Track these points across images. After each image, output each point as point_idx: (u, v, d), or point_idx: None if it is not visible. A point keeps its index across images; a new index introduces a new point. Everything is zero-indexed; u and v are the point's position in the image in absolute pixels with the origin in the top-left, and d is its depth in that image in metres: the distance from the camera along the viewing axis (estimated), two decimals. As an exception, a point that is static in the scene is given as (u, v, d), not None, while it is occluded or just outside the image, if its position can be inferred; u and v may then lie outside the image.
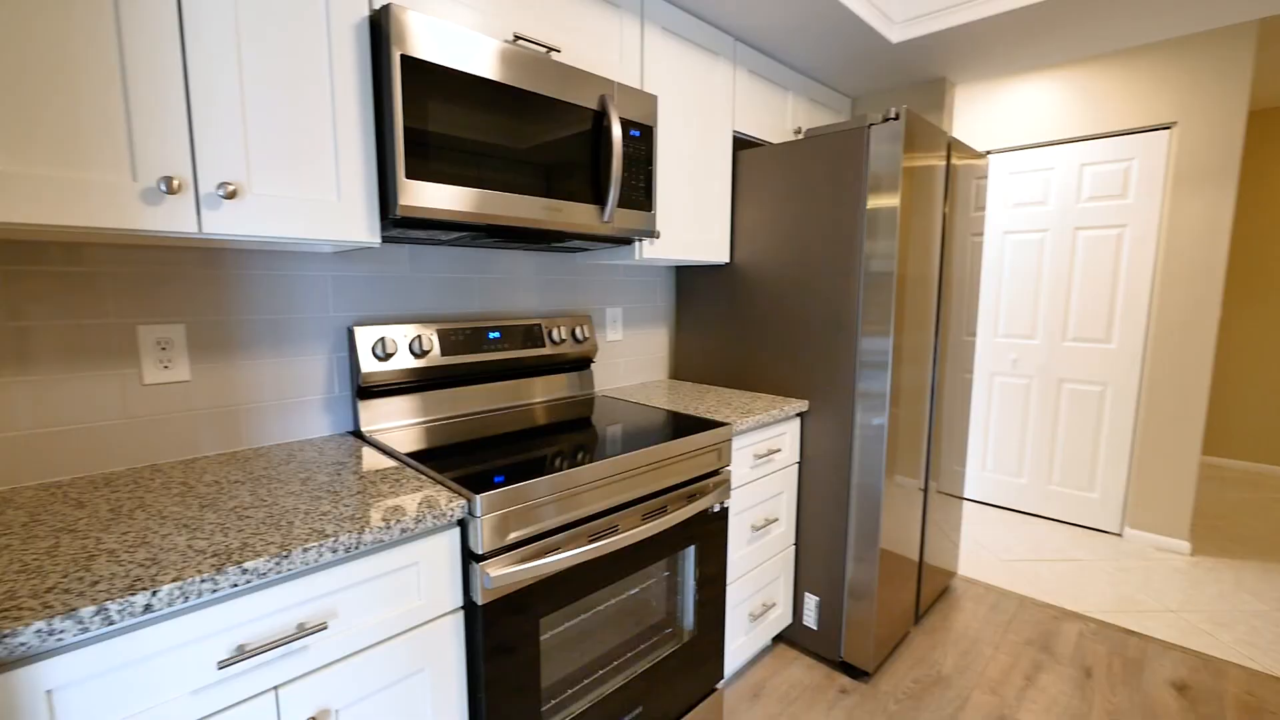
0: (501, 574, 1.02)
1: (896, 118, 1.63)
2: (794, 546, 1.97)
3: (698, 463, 1.44)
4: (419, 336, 1.46)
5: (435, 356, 1.50)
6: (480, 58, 1.19)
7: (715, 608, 1.58)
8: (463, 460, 1.19)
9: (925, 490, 2.07)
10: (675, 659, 1.48)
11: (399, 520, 0.91)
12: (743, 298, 2.05)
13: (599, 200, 1.46)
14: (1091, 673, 1.93)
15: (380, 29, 1.10)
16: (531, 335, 1.72)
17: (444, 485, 1.06)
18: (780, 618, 1.94)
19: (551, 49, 1.43)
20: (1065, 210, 2.99)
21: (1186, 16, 1.88)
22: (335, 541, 0.85)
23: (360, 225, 1.11)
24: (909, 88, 2.47)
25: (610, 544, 1.18)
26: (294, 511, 0.93)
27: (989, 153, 3.21)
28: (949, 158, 1.92)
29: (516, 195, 1.28)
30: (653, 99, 1.57)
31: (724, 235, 2.01)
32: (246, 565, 0.77)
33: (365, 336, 1.39)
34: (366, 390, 1.40)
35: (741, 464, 1.68)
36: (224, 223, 0.95)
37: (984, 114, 3.19)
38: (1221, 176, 2.56)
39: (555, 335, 1.77)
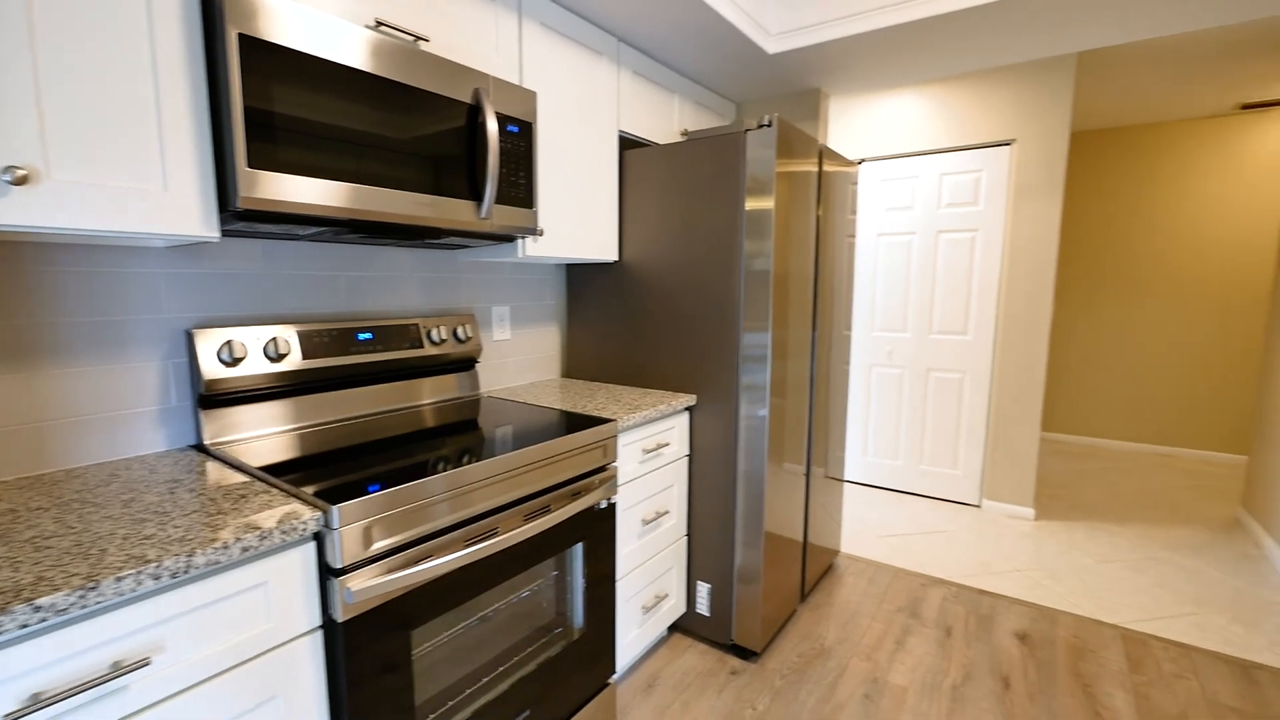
0: (365, 587, 0.96)
1: (770, 125, 1.72)
2: (686, 537, 2.02)
3: (582, 460, 1.44)
4: (275, 339, 1.35)
5: (295, 360, 1.39)
6: (335, 42, 1.12)
7: (605, 604, 1.59)
8: (323, 470, 1.12)
9: (808, 475, 2.20)
10: (565, 658, 1.47)
11: (239, 539, 0.84)
12: (633, 295, 2.08)
13: (476, 196, 1.43)
14: (951, 631, 2.14)
15: (213, 5, 1.00)
16: (408, 336, 1.65)
17: (297, 498, 0.99)
18: (674, 608, 1.99)
19: (419, 38, 1.37)
20: (929, 215, 3.28)
21: (1015, 48, 2.11)
22: (158, 567, 0.76)
23: (193, 218, 1.01)
24: (788, 96, 2.61)
25: (489, 547, 1.16)
26: (109, 538, 0.83)
27: (863, 160, 3.46)
28: (821, 164, 2.05)
29: (382, 189, 1.22)
30: (532, 95, 1.55)
31: (612, 234, 2.03)
32: (40, 602, 0.68)
33: (208, 340, 1.27)
34: (210, 399, 1.27)
35: (629, 459, 1.70)
36: (13, 213, 0.83)
37: (859, 124, 3.43)
38: (1050, 189, 2.91)
39: (435, 335, 1.70)
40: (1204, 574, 2.54)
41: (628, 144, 2.20)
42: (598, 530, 1.53)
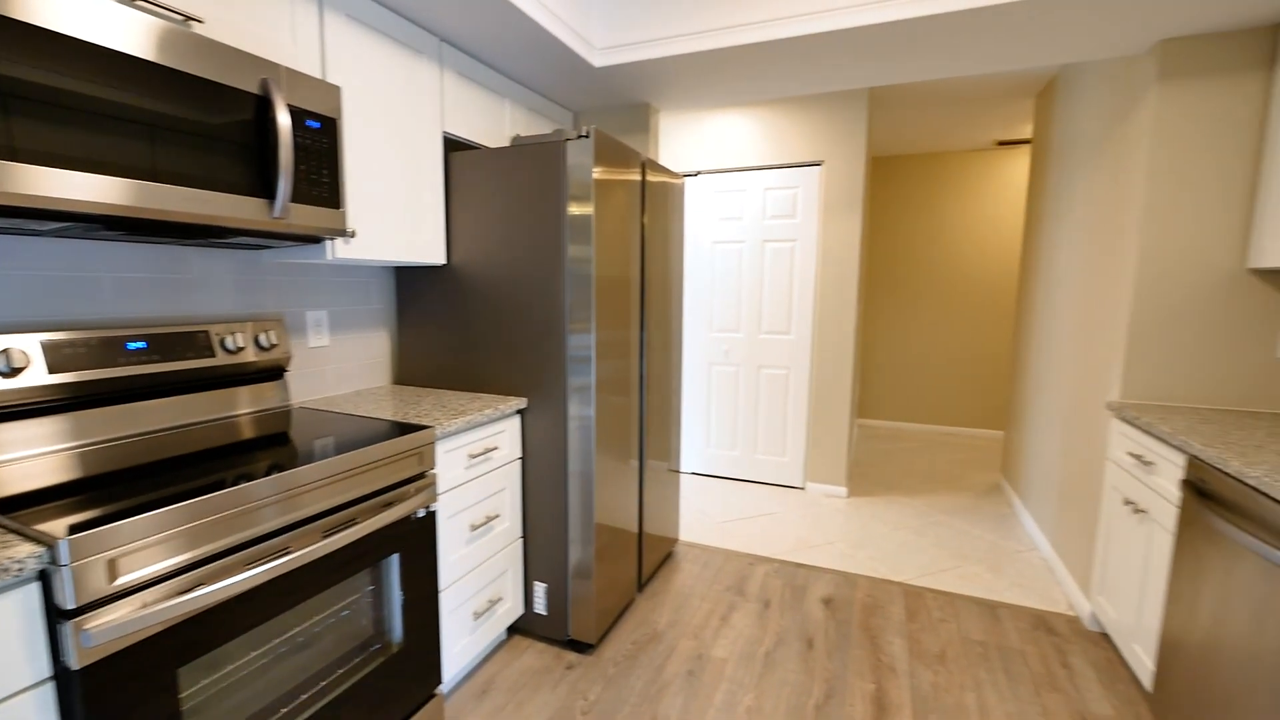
0: (111, 627, 0.87)
1: (587, 136, 1.79)
2: (522, 539, 2.04)
3: (393, 469, 1.40)
4: (6, 351, 1.16)
5: (38, 374, 1.21)
6: (79, 16, 0.99)
7: (428, 614, 1.56)
8: (67, 499, 0.98)
9: (641, 470, 2.32)
10: (384, 674, 1.43)
11: (-76, 587, 0.72)
12: (464, 299, 2.05)
13: (269, 194, 1.33)
14: (770, 604, 2.37)
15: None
16: (194, 344, 1.49)
17: (17, 533, 0.87)
18: (510, 610, 2.00)
19: (190, 18, 1.25)
20: (755, 225, 3.59)
21: (815, 79, 2.39)
22: None
23: None
24: (620, 108, 2.72)
25: (278, 568, 1.09)
26: None
27: (699, 173, 3.70)
28: (645, 174, 2.17)
29: (145, 183, 1.10)
30: (336, 90, 1.48)
31: (438, 236, 1.99)
32: None
33: (-94, 354, 1.06)
34: (-90, 424, 1.07)
35: (454, 465, 1.68)
36: None
37: (695, 139, 3.67)
38: (851, 205, 3.33)
39: (230, 343, 1.56)
40: (969, 533, 3.06)
41: (456, 146, 2.17)
42: (416, 540, 1.50)
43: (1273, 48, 1.80)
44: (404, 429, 1.50)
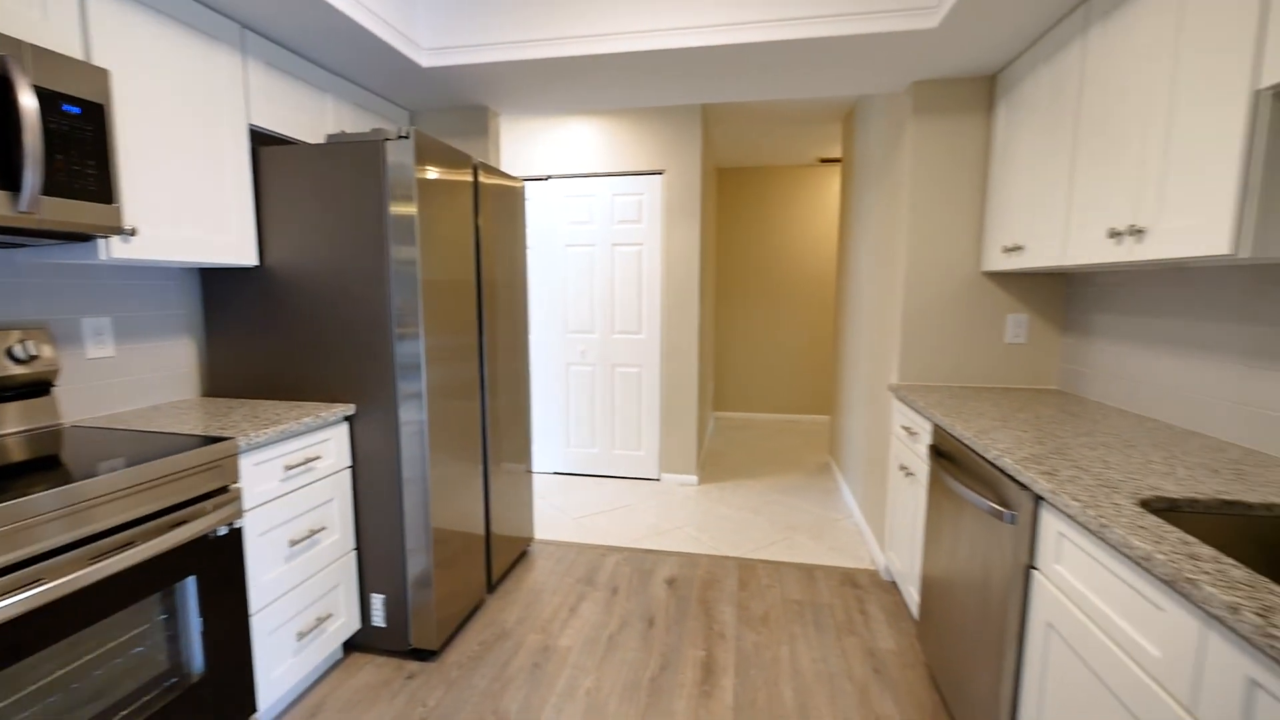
0: None
1: (407, 136, 1.78)
2: (356, 551, 1.96)
3: (184, 486, 1.31)
4: None
5: None
6: None
7: (236, 639, 1.46)
8: None
9: (486, 473, 2.33)
10: (180, 710, 1.32)
11: None
12: (283, 303, 1.93)
13: (13, 186, 1.18)
14: (617, 590, 2.48)
15: None
16: (-83, 358, 1.28)
17: None
18: (345, 626, 1.92)
19: (-107, -20, 1.08)
20: (605, 229, 3.72)
21: (646, 94, 2.55)
22: None
23: None
24: (458, 110, 2.71)
25: (24, 602, 0.98)
26: None
27: (551, 177, 3.76)
28: (477, 177, 2.19)
29: None
30: (103, 73, 1.34)
31: (247, 236, 1.86)
32: None
33: None
34: None
35: (267, 478, 1.59)
36: None
37: (545, 143, 3.72)
38: (690, 212, 3.57)
39: (-30, 356, 1.36)
40: (799, 507, 3.41)
41: (271, 141, 2.04)
42: (216, 560, 1.40)
43: (990, 94, 2.24)
44: (200, 442, 1.39)
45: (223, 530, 1.41)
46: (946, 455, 1.74)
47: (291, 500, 1.68)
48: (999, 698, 1.33)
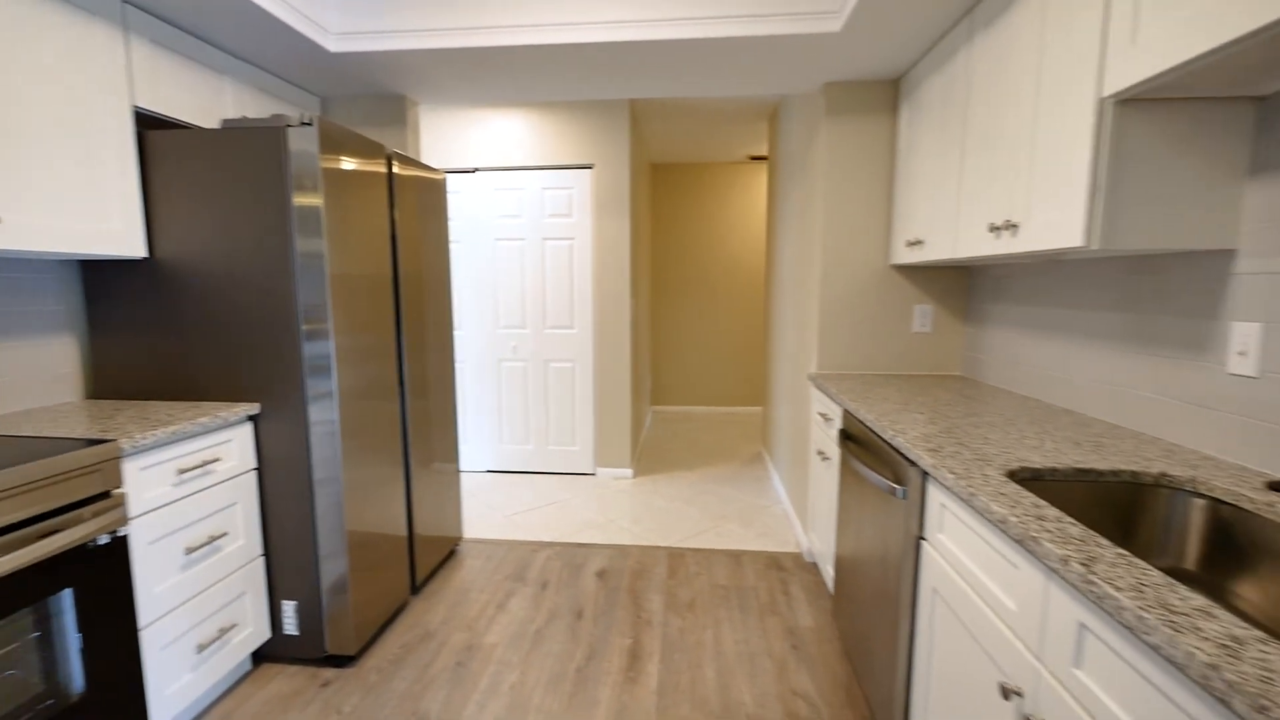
0: None
1: (310, 123, 1.70)
2: (264, 557, 1.88)
3: (56, 491, 1.21)
4: None
5: None
6: None
7: (123, 654, 1.37)
8: None
9: (408, 473, 2.27)
10: (54, 734, 1.23)
11: None
12: (177, 298, 1.82)
13: None
14: (547, 585, 2.48)
15: None
16: None
17: None
18: (253, 636, 1.83)
19: None
20: (535, 223, 3.69)
21: (568, 87, 2.55)
22: None
23: None
24: (373, 98, 2.62)
25: None
26: None
27: (478, 169, 3.69)
28: (391, 167, 2.12)
29: None
30: (-50, 44, 1.22)
31: (132, 225, 1.74)
32: None
33: None
34: None
35: (157, 482, 1.49)
36: None
37: (473, 136, 3.65)
38: (620, 207, 3.59)
39: None
40: (731, 496, 3.50)
41: (160, 125, 1.91)
42: (97, 571, 1.31)
43: (895, 96, 2.37)
44: (76, 445, 1.30)
45: (104, 539, 1.32)
46: (854, 438, 1.83)
47: (187, 505, 1.58)
48: (896, 663, 1.42)
